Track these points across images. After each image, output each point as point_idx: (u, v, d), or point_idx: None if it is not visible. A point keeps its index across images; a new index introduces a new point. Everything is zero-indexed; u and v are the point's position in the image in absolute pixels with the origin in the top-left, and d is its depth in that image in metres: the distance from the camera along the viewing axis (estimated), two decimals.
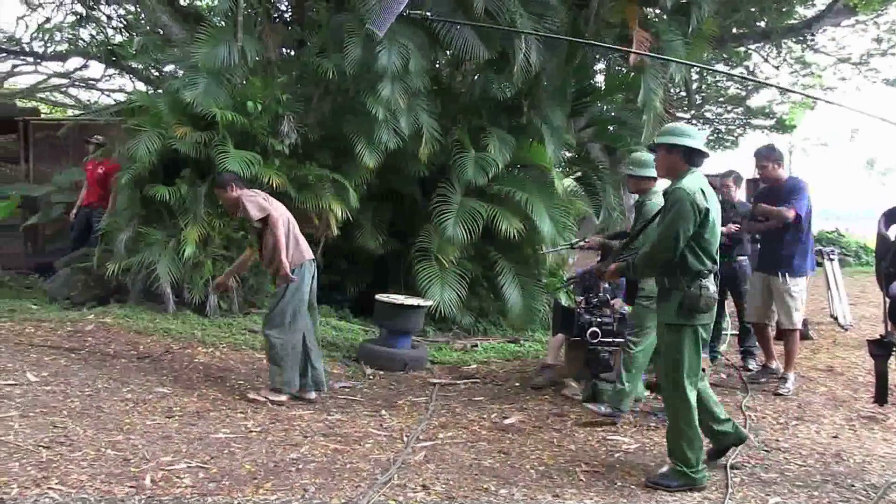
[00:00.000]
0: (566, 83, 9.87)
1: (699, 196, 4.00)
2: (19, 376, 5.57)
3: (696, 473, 4.09)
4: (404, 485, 4.02)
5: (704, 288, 4.02)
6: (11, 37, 21.87)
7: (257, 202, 5.71)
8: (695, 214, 3.98)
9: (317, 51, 8.76)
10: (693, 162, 4.17)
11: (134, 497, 3.58)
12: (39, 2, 20.85)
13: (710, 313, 4.12)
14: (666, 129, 4.35)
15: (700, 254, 4.06)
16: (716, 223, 4.08)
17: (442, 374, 7.14)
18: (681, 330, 4.09)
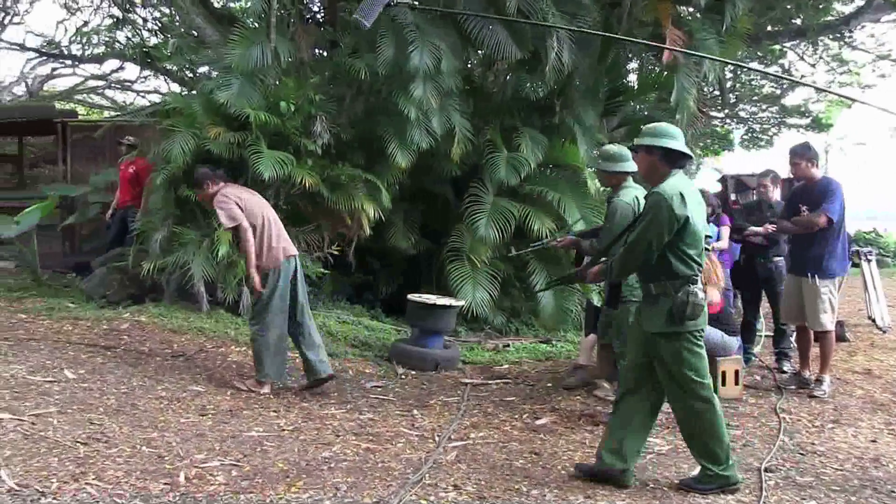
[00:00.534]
0: (599, 82, 9.80)
1: (677, 201, 3.83)
2: (57, 373, 5.66)
3: (728, 471, 4.02)
4: (436, 484, 4.01)
5: (693, 294, 3.89)
6: (51, 40, 22.28)
7: (229, 210, 5.64)
8: (671, 221, 3.83)
9: (349, 51, 8.78)
10: (674, 163, 4.03)
11: (168, 494, 3.61)
12: (78, 5, 21.20)
13: (701, 319, 3.98)
14: (646, 130, 4.18)
15: (686, 259, 3.94)
16: (697, 228, 3.92)
17: (474, 374, 7.12)
18: (675, 338, 3.97)
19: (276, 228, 5.86)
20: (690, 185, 4.06)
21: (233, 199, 5.72)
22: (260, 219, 5.76)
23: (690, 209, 3.86)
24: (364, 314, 8.97)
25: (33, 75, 24.33)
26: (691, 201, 3.90)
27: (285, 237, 5.95)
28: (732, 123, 24.79)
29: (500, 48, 8.50)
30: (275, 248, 5.76)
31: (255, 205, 5.85)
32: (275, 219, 5.93)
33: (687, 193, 3.90)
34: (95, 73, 24.40)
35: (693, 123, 9.30)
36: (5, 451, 3.90)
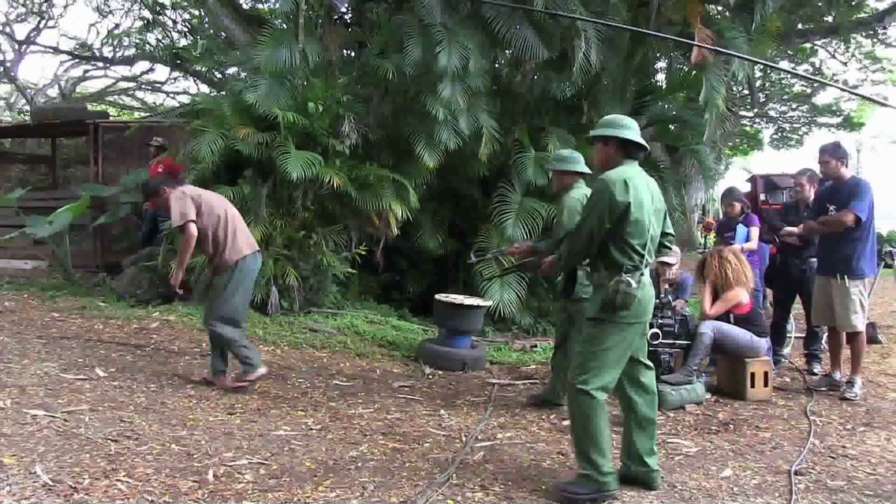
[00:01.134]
0: (626, 82, 9.75)
1: (619, 187, 3.75)
2: (89, 371, 5.73)
3: (606, 476, 3.82)
4: (462, 484, 3.99)
5: (624, 283, 3.75)
6: (83, 43, 22.59)
7: (183, 208, 5.53)
8: (612, 207, 3.75)
9: (377, 52, 8.81)
10: (629, 154, 3.98)
11: (197, 492, 3.63)
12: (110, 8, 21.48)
13: (636, 312, 3.83)
14: (602, 121, 4.14)
15: (626, 248, 3.82)
16: (641, 218, 3.79)
17: (501, 375, 7.10)
18: (599, 324, 3.87)
19: (237, 224, 5.78)
20: (642, 176, 3.96)
21: (190, 196, 5.63)
22: (221, 214, 5.68)
23: (635, 198, 3.77)
24: (391, 314, 8.98)
25: (66, 77, 24.73)
26: (638, 190, 3.81)
27: (248, 234, 5.88)
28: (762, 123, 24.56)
29: (527, 48, 8.49)
30: (238, 243, 5.68)
31: (214, 201, 5.77)
32: (237, 216, 5.85)
33: (634, 182, 3.82)
34: (126, 75, 24.76)
35: (722, 123, 9.21)
36: (39, 447, 3.95)
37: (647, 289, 3.90)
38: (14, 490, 3.34)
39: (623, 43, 9.20)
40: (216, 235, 5.63)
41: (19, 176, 16.96)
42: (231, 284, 5.66)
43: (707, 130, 9.07)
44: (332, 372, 6.66)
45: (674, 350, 6.05)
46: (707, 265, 6.40)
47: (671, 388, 5.77)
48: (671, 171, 10.52)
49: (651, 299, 3.98)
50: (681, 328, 6.05)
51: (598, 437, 3.85)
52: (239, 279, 5.69)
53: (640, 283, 3.82)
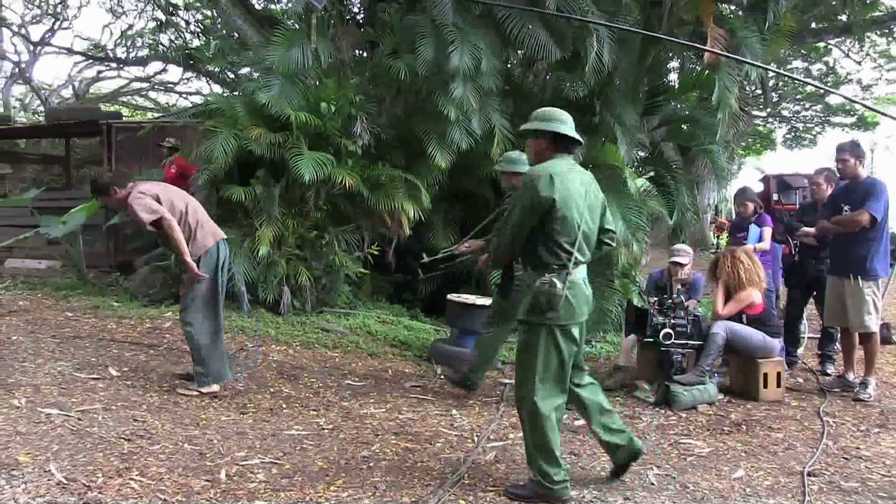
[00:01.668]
0: (639, 82, 9.70)
1: (544, 182, 3.64)
2: (102, 371, 5.77)
3: (556, 486, 3.75)
4: (474, 484, 4.00)
5: (548, 283, 3.67)
6: (97, 44, 22.74)
7: (147, 205, 5.35)
8: (535, 202, 3.66)
9: (389, 52, 8.81)
10: (562, 148, 3.88)
11: (209, 490, 3.64)
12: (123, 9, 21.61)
13: (566, 313, 3.72)
14: (534, 115, 4.04)
15: (553, 246, 3.72)
16: (568, 214, 3.68)
17: (512, 375, 7.08)
18: (532, 329, 3.78)
19: (199, 216, 5.66)
20: (574, 171, 3.86)
21: (149, 194, 5.45)
22: (182, 208, 5.54)
23: (561, 193, 3.65)
24: (404, 314, 8.99)
25: (80, 78, 24.92)
26: (566, 185, 3.69)
27: (212, 224, 5.76)
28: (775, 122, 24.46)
29: (539, 48, 8.46)
30: (202, 234, 5.58)
31: (174, 194, 5.64)
32: (199, 208, 5.74)
33: (562, 177, 3.70)
34: (139, 76, 24.93)
35: (735, 122, 9.15)
36: (53, 446, 3.98)
37: (578, 288, 3.79)
38: (29, 488, 3.37)
39: (636, 43, 9.16)
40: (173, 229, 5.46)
41: (33, 176, 17.08)
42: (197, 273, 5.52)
43: (719, 130, 9.02)
44: (345, 372, 6.67)
45: (686, 350, 6.03)
46: (719, 265, 6.38)
47: (683, 389, 5.75)
48: (683, 170, 10.48)
49: (587, 299, 3.86)
50: (693, 328, 6.03)
51: (548, 445, 3.76)
52: (208, 269, 5.56)
53: (570, 283, 3.71)
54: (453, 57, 7.96)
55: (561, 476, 3.78)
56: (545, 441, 3.75)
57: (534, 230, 3.73)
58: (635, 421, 5.45)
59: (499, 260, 4.12)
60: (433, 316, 9.07)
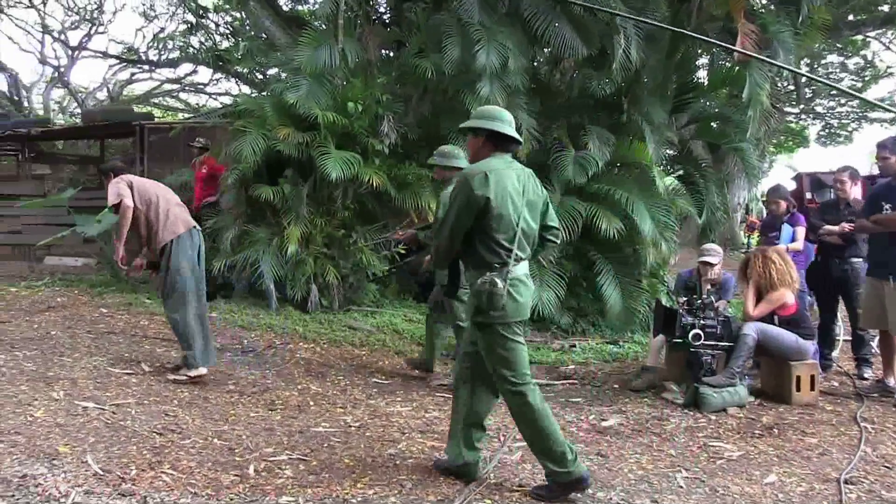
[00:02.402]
0: (667, 79, 9.64)
1: (478, 181, 3.61)
2: (135, 366, 5.86)
3: (567, 467, 3.73)
4: (500, 484, 3.99)
5: (489, 282, 3.64)
6: (130, 47, 23.08)
7: (118, 189, 5.70)
8: (469, 201, 3.62)
9: (415, 51, 8.84)
10: (500, 147, 3.84)
11: (238, 485, 3.68)
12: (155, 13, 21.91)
13: (512, 310, 3.70)
14: (474, 113, 4.01)
15: (492, 244, 3.68)
16: (504, 211, 3.64)
17: (539, 375, 7.06)
18: (482, 330, 3.78)
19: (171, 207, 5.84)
20: (512, 168, 3.80)
21: (124, 181, 5.79)
22: (153, 198, 5.77)
23: (496, 191, 3.62)
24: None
25: (114, 81, 25.32)
26: (501, 183, 3.66)
27: (184, 215, 5.91)
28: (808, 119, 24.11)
29: (566, 46, 8.44)
30: (171, 223, 5.74)
31: (148, 186, 5.90)
32: (172, 199, 5.92)
33: (497, 174, 3.67)
34: (171, 77, 25.25)
35: (766, 119, 9.04)
36: (90, 438, 4.05)
37: (522, 285, 3.77)
38: (68, 477, 3.45)
39: (664, 39, 9.09)
40: (148, 217, 5.71)
41: (70, 176, 17.34)
42: (172, 263, 5.68)
43: (750, 128, 8.92)
44: (371, 370, 6.70)
45: (716, 352, 5.96)
46: (750, 265, 6.28)
47: (713, 391, 5.67)
48: (713, 169, 10.39)
49: (530, 295, 3.84)
50: (723, 329, 5.95)
51: (549, 432, 3.78)
52: (181, 257, 5.70)
53: (512, 281, 3.69)
54: (480, 55, 7.97)
55: (570, 455, 3.77)
56: (546, 432, 3.78)
57: (473, 229, 3.71)
58: (663, 423, 5.39)
59: (440, 260, 4.04)
60: None
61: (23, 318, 7.56)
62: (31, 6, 21.55)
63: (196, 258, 5.80)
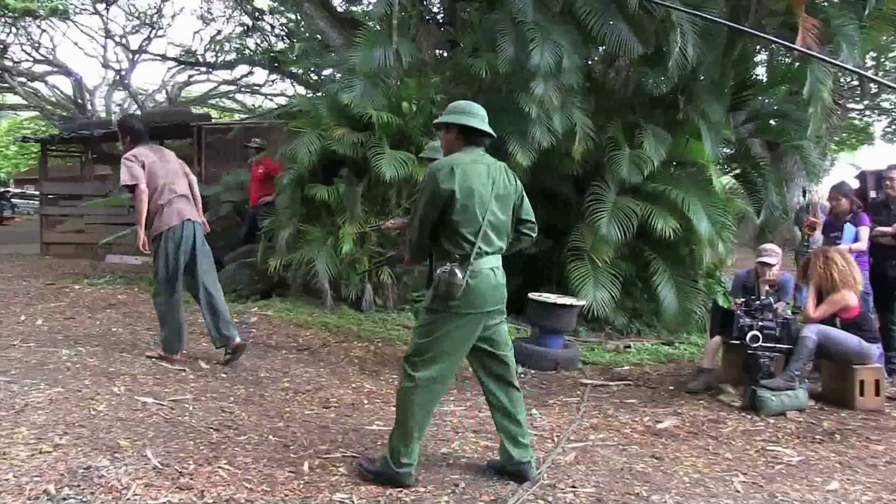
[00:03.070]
0: (725, 76, 9.45)
1: (444, 174, 3.68)
2: (192, 363, 5.97)
3: (400, 468, 3.77)
4: (554, 485, 3.97)
5: (448, 272, 3.66)
6: (188, 49, 23.56)
7: (131, 169, 5.78)
8: (435, 194, 3.68)
9: (469, 51, 8.83)
10: (471, 141, 3.87)
11: (293, 482, 3.72)
12: (212, 16, 22.34)
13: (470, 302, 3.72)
14: (448, 108, 4.04)
15: (456, 237, 3.72)
16: (469, 204, 3.68)
17: (594, 375, 7.02)
18: (433, 313, 3.80)
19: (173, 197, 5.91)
20: (482, 162, 3.84)
21: (139, 161, 5.85)
22: (159, 184, 5.86)
23: (462, 184, 3.67)
24: None
25: (173, 83, 25.85)
26: (468, 176, 3.71)
27: (184, 206, 5.97)
28: (873, 115, 23.42)
29: (621, 44, 8.34)
30: (169, 212, 5.84)
31: (158, 168, 5.92)
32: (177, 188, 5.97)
33: (464, 168, 3.72)
34: (227, 79, 25.71)
35: (828, 116, 8.78)
36: (149, 433, 4.14)
37: (484, 278, 3.76)
38: (129, 470, 3.53)
39: (721, 36, 8.89)
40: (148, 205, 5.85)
41: None
42: (160, 252, 5.86)
43: (811, 125, 8.66)
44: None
45: (774, 354, 5.84)
46: (811, 266, 6.13)
47: (771, 394, 5.56)
48: (771, 167, 10.17)
49: (494, 288, 3.83)
50: (782, 331, 5.83)
51: (407, 424, 3.79)
52: (167, 247, 5.83)
53: (473, 273, 3.71)
54: (534, 55, 7.92)
55: (407, 459, 3.78)
56: (407, 419, 3.79)
57: (439, 221, 3.75)
58: (720, 425, 5.30)
59: (414, 251, 4.10)
60: (513, 314, 9.02)
61: (86, 314, 7.77)
62: (95, 12, 22.12)
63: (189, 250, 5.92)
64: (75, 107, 24.03)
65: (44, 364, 5.34)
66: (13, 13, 19.55)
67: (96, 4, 21.71)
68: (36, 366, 5.28)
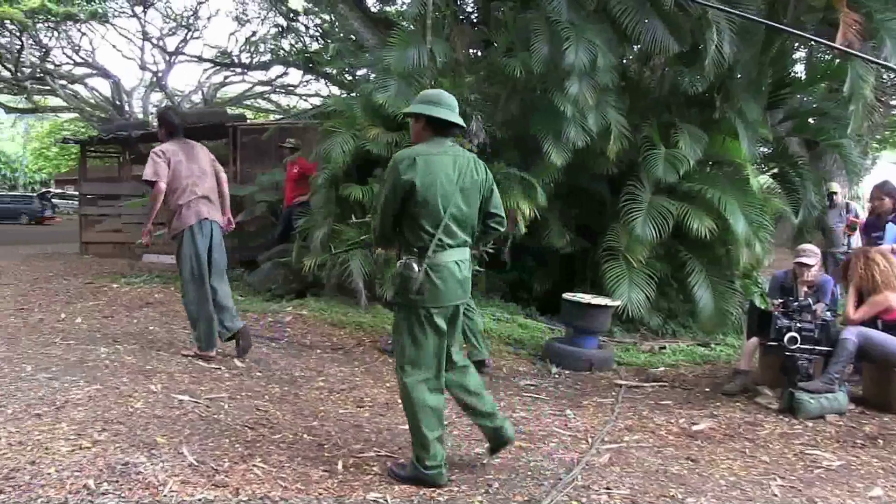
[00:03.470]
0: (762, 74, 9.32)
1: (404, 165, 3.63)
2: (228, 361, 6.03)
3: (428, 471, 3.74)
4: (588, 486, 3.93)
5: (404, 265, 3.66)
6: (224, 51, 23.84)
7: (156, 167, 5.88)
8: (395, 185, 3.64)
9: (503, 50, 8.82)
10: (440, 131, 3.80)
11: (327, 481, 3.73)
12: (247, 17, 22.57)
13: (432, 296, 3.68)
14: (418, 97, 3.96)
15: (416, 229, 3.68)
16: (429, 197, 3.64)
17: (628, 376, 6.97)
18: (400, 309, 3.82)
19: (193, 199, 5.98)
20: (447, 154, 3.76)
21: (165, 158, 5.95)
22: (181, 185, 5.95)
23: (423, 176, 3.62)
24: (518, 312, 8.97)
25: (208, 84, 26.17)
26: (430, 168, 3.66)
27: (204, 205, 6.05)
28: None
29: (656, 42, 8.28)
30: (188, 213, 5.94)
31: (183, 168, 5.99)
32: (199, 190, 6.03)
33: (426, 159, 3.67)
34: (262, 79, 25.94)
35: (869, 114, 8.60)
36: (185, 430, 4.18)
37: (447, 271, 3.73)
38: (166, 467, 3.56)
39: (759, 33, 8.78)
40: (168, 203, 5.98)
41: None
42: (181, 251, 5.99)
43: (852, 123, 8.49)
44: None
45: (813, 356, 5.74)
46: (852, 267, 6.02)
47: (810, 396, 5.47)
48: (810, 166, 10.01)
49: (459, 283, 3.80)
50: (821, 333, 5.73)
51: (418, 428, 3.78)
52: (187, 246, 5.96)
53: (435, 267, 3.68)
54: (568, 54, 7.88)
55: (433, 461, 3.76)
56: (415, 422, 3.78)
57: (401, 212, 3.72)
58: (757, 428, 5.23)
59: (378, 241, 4.10)
60: (548, 314, 9.01)
61: (123, 313, 7.88)
62: (133, 15, 22.47)
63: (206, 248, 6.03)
64: (113, 108, 24.43)
65: (83, 361, 5.43)
66: (56, 18, 19.92)
67: (134, 7, 22.04)
68: (76, 363, 5.36)
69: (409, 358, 3.79)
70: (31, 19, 19.44)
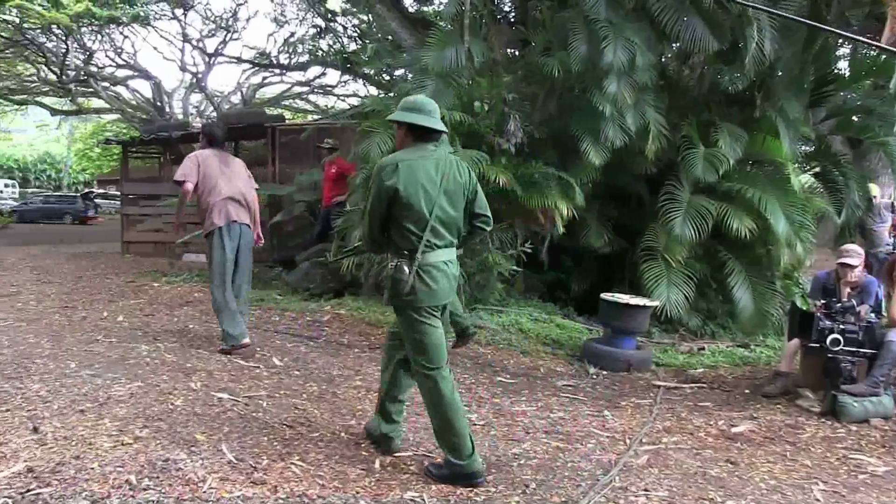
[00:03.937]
0: (804, 72, 9.17)
1: (387, 171, 3.71)
2: (266, 360, 6.09)
3: (464, 460, 3.79)
4: (626, 488, 3.92)
5: (397, 269, 3.75)
6: (263, 52, 24.08)
7: (185, 168, 6.15)
8: (380, 191, 3.72)
9: (541, 49, 8.78)
10: (422, 137, 3.84)
11: (364, 479, 3.76)
12: (286, 18, 22.76)
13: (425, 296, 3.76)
14: (400, 103, 3.98)
15: (404, 232, 3.76)
16: (413, 200, 3.69)
17: (667, 377, 6.91)
18: (398, 311, 3.91)
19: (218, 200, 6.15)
20: (429, 158, 3.80)
21: (196, 161, 6.20)
22: (210, 187, 6.16)
23: (406, 180, 3.69)
24: (556, 312, 8.93)
25: (247, 85, 26.44)
26: (412, 172, 3.72)
27: (234, 206, 6.22)
28: None
29: (696, 40, 8.19)
30: (216, 214, 6.14)
31: (214, 170, 6.21)
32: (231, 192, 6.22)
33: (408, 164, 3.74)
34: (300, 80, 26.12)
35: None
36: (224, 428, 4.24)
37: (440, 273, 3.81)
38: (206, 464, 3.62)
39: (801, 30, 8.64)
40: (200, 204, 6.24)
41: None
42: (212, 250, 6.21)
43: None
44: (497, 369, 6.72)
45: (856, 359, 5.64)
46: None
47: (853, 400, 5.38)
48: (853, 165, 9.83)
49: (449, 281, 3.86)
50: (865, 335, 5.63)
51: (448, 419, 3.83)
52: (216, 249, 6.18)
53: (424, 267, 3.76)
54: (607, 52, 7.83)
55: (467, 450, 3.82)
56: (445, 416, 3.84)
57: (388, 217, 3.80)
58: (798, 431, 5.15)
59: (368, 245, 4.13)
60: (586, 315, 8.96)
61: (164, 311, 8.01)
62: (173, 17, 22.79)
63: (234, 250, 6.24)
64: (154, 109, 24.81)
65: (125, 359, 5.53)
66: (99, 21, 20.29)
67: (175, 10, 22.35)
68: (117, 360, 5.46)
69: (428, 357, 3.86)
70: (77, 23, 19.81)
